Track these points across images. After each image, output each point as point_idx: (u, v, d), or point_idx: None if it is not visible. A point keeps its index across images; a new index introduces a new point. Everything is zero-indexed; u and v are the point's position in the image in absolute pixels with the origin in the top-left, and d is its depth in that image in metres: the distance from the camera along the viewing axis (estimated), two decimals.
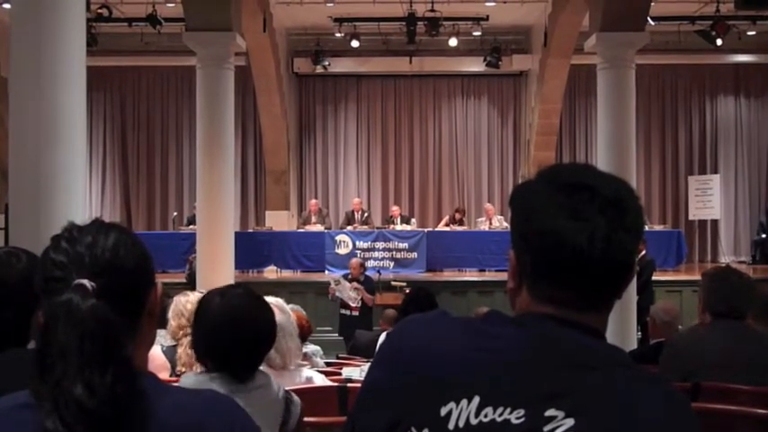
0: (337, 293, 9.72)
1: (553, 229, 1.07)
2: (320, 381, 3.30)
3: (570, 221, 1.07)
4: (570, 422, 1.00)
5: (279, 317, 2.90)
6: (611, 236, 1.07)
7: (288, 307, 3.11)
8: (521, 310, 1.15)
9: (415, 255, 12.57)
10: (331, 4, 13.56)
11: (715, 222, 15.65)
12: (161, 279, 1.37)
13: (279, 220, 14.75)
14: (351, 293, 9.66)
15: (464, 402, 1.04)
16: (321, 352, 5.18)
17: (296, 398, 2.28)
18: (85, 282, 1.10)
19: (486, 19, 14.19)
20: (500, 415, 1.02)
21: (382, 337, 6.09)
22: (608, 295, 1.12)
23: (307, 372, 3.25)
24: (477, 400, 1.04)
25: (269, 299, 3.00)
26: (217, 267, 9.21)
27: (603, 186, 1.10)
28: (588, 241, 1.06)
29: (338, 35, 14.47)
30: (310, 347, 4.87)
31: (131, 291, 1.17)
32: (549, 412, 1.01)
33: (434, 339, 1.12)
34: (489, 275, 11.98)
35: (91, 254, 1.15)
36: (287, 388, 2.53)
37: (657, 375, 1.15)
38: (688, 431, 1.06)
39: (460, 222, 13.88)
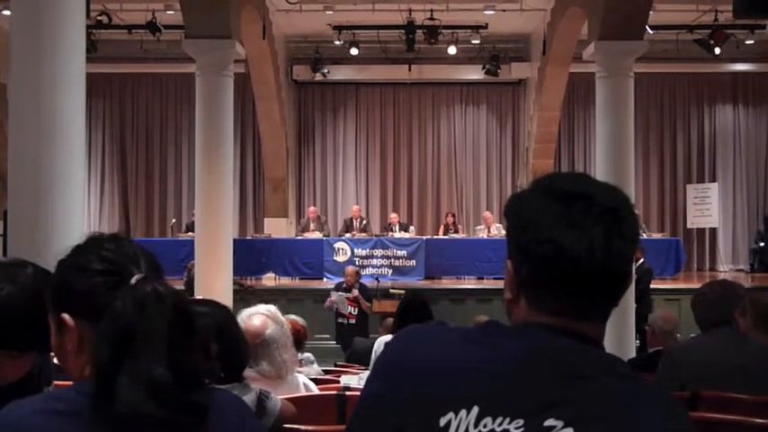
0: (336, 305, 9.74)
1: (551, 238, 1.07)
2: (313, 386, 3.29)
3: (568, 231, 1.07)
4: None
5: (271, 329, 2.85)
6: (609, 244, 1.07)
7: (282, 316, 3.04)
8: (518, 320, 1.14)
9: (413, 262, 12.56)
10: (330, 12, 13.58)
11: (713, 230, 15.66)
12: None
13: (277, 228, 14.74)
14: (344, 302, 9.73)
15: (463, 413, 1.04)
16: (312, 357, 5.16)
17: (273, 396, 2.39)
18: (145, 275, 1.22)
19: (486, 27, 14.22)
20: (499, 425, 1.02)
21: (377, 344, 6.07)
22: (606, 304, 1.12)
23: (302, 378, 3.24)
24: (476, 410, 1.04)
25: (261, 307, 2.96)
26: (215, 274, 9.21)
27: (600, 195, 1.10)
28: (587, 250, 1.06)
29: (337, 43, 14.49)
30: (303, 355, 4.85)
31: None
32: (549, 422, 1.01)
33: (433, 350, 1.12)
34: (488, 283, 11.97)
35: (143, 253, 1.28)
36: (285, 396, 2.54)
37: (656, 385, 1.14)
38: None
39: (454, 227, 13.91)
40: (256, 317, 2.87)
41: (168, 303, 1.17)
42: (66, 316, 1.24)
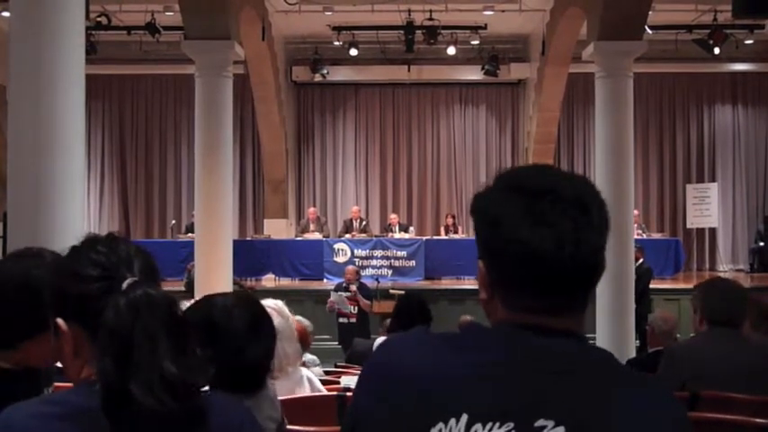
0: (337, 306, 9.75)
1: (519, 238, 1.05)
2: (317, 380, 3.29)
3: (535, 228, 1.04)
4: (561, 431, 0.99)
5: (277, 321, 2.85)
6: (579, 237, 1.04)
7: (287, 310, 3.03)
8: (496, 320, 1.12)
9: (413, 263, 12.57)
10: (330, 13, 13.59)
11: (713, 230, 15.65)
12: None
13: (277, 229, 14.74)
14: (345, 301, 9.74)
15: (452, 422, 1.02)
16: (318, 361, 5.18)
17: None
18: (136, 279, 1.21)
19: (485, 28, 14.22)
20: (489, 430, 1.01)
21: (376, 344, 6.08)
22: (582, 296, 1.10)
23: (305, 371, 3.25)
24: (465, 418, 1.02)
25: (268, 301, 2.97)
26: (215, 275, 9.19)
27: (564, 188, 1.07)
28: (556, 246, 1.04)
29: (337, 43, 14.49)
30: (307, 357, 4.87)
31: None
32: (539, 423, 0.99)
33: (416, 359, 1.09)
34: None
35: (137, 254, 1.28)
36: (286, 391, 2.51)
37: (646, 377, 1.12)
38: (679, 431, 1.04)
39: (454, 228, 13.93)
40: None
41: (161, 307, 1.16)
42: (59, 321, 1.24)
